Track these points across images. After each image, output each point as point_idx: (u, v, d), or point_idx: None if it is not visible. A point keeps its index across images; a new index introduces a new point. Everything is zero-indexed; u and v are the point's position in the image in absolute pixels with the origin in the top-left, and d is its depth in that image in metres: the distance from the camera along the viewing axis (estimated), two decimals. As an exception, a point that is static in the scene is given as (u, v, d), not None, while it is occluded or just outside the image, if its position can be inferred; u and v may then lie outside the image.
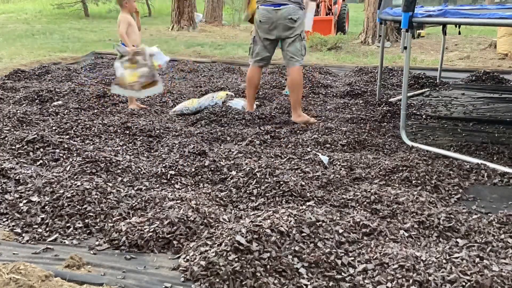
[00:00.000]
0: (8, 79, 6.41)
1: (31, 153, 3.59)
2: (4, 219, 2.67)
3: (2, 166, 3.16)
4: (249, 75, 4.88)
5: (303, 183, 3.02)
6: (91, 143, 3.94)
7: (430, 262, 2.11)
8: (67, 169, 3.28)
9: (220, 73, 7.18)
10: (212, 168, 3.36)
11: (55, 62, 7.91)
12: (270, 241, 2.19)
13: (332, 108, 5.29)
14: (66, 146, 3.71)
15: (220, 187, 3.13)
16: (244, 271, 2.05)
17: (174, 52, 9.74)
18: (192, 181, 3.24)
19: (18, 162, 3.43)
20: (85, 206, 2.69)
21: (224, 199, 2.95)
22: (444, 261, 2.12)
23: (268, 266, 2.09)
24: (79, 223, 2.60)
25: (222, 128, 4.40)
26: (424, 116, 4.95)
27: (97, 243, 2.45)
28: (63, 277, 2.04)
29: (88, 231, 2.57)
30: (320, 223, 2.36)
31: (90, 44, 10.70)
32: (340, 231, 2.37)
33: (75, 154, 3.61)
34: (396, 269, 2.09)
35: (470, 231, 2.51)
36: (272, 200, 2.88)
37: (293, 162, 3.47)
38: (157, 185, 3.15)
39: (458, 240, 2.43)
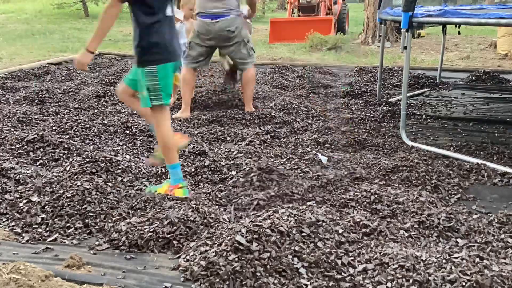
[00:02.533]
0: (8, 79, 6.41)
1: (31, 153, 3.59)
2: (4, 219, 2.67)
3: (2, 166, 3.16)
4: (186, 77, 4.79)
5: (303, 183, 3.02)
6: (91, 143, 3.94)
7: (430, 262, 2.11)
8: (67, 169, 3.28)
9: (220, 73, 7.18)
10: (212, 168, 3.36)
11: (55, 63, 7.90)
12: (270, 241, 2.19)
13: (332, 108, 5.29)
14: (66, 146, 3.71)
15: (220, 187, 3.13)
16: (244, 271, 2.05)
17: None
18: (192, 181, 3.24)
19: (18, 162, 3.43)
20: (85, 206, 2.69)
21: (224, 199, 2.95)
22: (444, 261, 2.12)
23: (268, 266, 2.09)
24: (79, 223, 2.60)
25: (222, 128, 4.40)
26: (424, 116, 4.95)
27: (97, 243, 2.45)
28: (63, 277, 2.05)
29: (88, 231, 2.57)
30: (320, 223, 2.36)
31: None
32: (340, 231, 2.37)
33: (75, 154, 3.62)
34: (396, 269, 2.09)
35: (470, 231, 2.51)
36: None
37: (293, 162, 3.47)
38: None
39: (458, 240, 2.43)
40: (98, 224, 2.61)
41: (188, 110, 4.84)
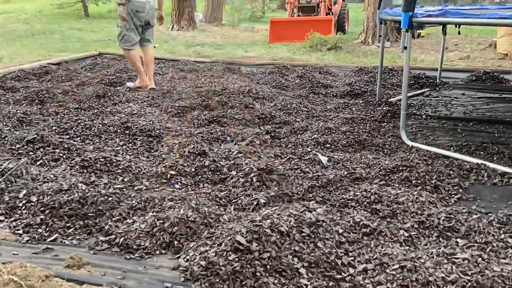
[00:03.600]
0: (8, 79, 6.41)
1: (31, 153, 3.59)
2: (4, 219, 2.67)
3: (2, 166, 3.16)
4: (135, 55, 5.91)
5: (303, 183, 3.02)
6: (91, 143, 3.94)
7: (430, 262, 2.11)
8: (67, 169, 3.28)
9: (220, 73, 7.18)
10: (212, 168, 3.36)
11: (55, 63, 7.90)
12: (270, 241, 2.19)
13: (332, 108, 5.29)
14: (66, 146, 3.71)
15: (220, 187, 3.14)
16: (244, 271, 2.05)
17: (174, 52, 9.74)
18: (192, 181, 3.24)
19: (17, 161, 3.43)
20: (85, 206, 2.69)
21: (224, 199, 2.95)
22: (444, 261, 2.12)
23: (268, 266, 2.10)
24: (79, 223, 2.60)
25: (222, 128, 4.40)
26: (424, 116, 4.95)
27: (97, 243, 2.45)
28: (63, 277, 2.05)
29: (88, 231, 2.57)
30: (320, 223, 2.36)
31: (90, 44, 10.70)
32: (340, 231, 2.37)
33: (75, 154, 3.62)
34: (396, 269, 2.09)
35: (470, 231, 2.51)
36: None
37: (293, 162, 3.47)
38: (157, 185, 3.16)
39: (458, 240, 2.43)
40: (98, 224, 2.61)
41: (147, 78, 5.97)
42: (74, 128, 4.17)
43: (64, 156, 3.58)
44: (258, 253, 2.13)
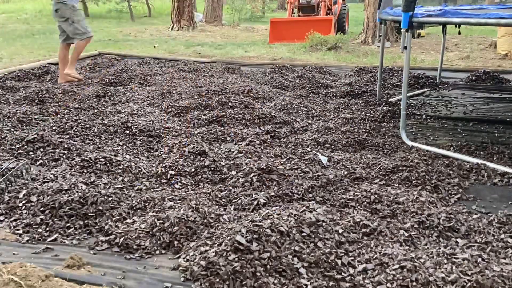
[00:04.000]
0: (8, 79, 6.41)
1: (31, 153, 3.59)
2: (4, 219, 2.67)
3: (2, 166, 3.16)
4: (62, 53, 6.48)
5: (304, 183, 3.02)
6: (91, 143, 3.94)
7: (430, 262, 2.11)
8: (67, 169, 3.28)
9: (220, 73, 7.18)
10: (212, 168, 3.37)
11: (55, 63, 7.89)
12: (270, 241, 2.19)
13: (332, 108, 5.29)
14: (66, 146, 3.71)
15: (220, 187, 3.14)
16: (244, 271, 2.05)
17: (174, 52, 9.74)
18: (192, 181, 3.24)
19: (18, 162, 3.43)
20: (85, 206, 2.69)
21: (224, 199, 2.95)
22: (444, 261, 2.13)
23: (268, 266, 2.10)
24: (79, 223, 2.60)
25: (222, 128, 4.40)
26: (424, 116, 4.95)
27: (97, 243, 2.45)
28: (63, 277, 2.05)
29: (88, 231, 2.57)
30: (320, 223, 2.36)
31: (90, 44, 10.69)
32: (340, 231, 2.37)
33: (75, 154, 3.62)
34: (396, 269, 2.09)
35: (470, 231, 2.51)
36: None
37: (293, 162, 3.47)
38: (157, 185, 3.16)
39: (458, 240, 2.43)
40: (98, 224, 2.61)
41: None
42: (74, 128, 4.17)
43: (64, 156, 3.58)
44: (258, 253, 2.13)
